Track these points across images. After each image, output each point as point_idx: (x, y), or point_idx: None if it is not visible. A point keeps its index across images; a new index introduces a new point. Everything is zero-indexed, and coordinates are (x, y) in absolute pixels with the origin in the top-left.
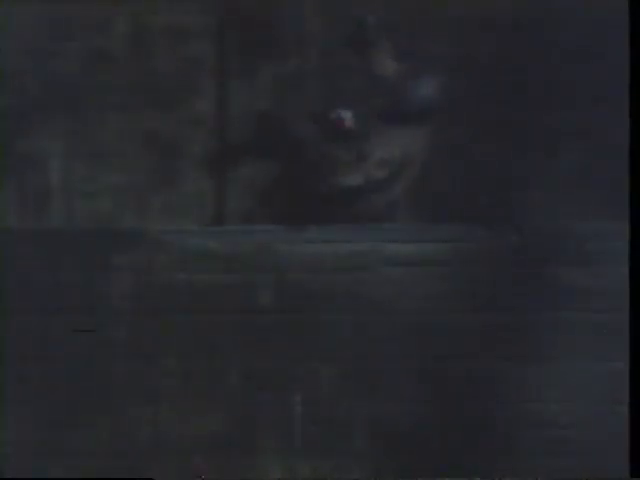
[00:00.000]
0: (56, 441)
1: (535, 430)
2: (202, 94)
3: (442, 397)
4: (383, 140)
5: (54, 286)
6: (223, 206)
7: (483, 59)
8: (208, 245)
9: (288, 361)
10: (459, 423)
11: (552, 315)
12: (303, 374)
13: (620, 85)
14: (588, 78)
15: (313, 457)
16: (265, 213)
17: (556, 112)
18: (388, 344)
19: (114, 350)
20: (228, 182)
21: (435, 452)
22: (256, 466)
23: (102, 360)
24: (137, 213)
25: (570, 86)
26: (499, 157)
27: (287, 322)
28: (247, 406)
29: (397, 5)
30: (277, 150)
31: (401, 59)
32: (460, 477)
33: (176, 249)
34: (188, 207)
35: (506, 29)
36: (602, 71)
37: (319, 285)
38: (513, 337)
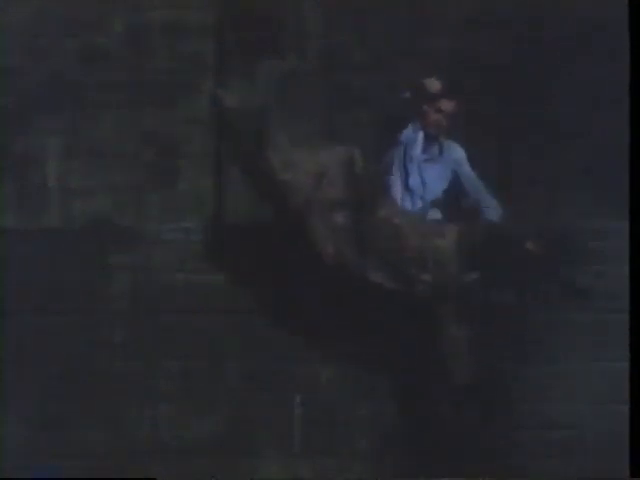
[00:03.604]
0: (56, 441)
1: (535, 430)
2: (201, 92)
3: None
4: None
5: (53, 285)
6: (222, 205)
7: (483, 58)
8: (207, 243)
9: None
10: (459, 423)
11: (552, 315)
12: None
13: (620, 85)
14: (588, 78)
15: None
16: None
17: (556, 112)
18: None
19: (113, 349)
20: (227, 181)
21: (436, 452)
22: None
23: (101, 360)
24: (136, 212)
25: (570, 86)
26: (499, 156)
27: None
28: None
29: None
30: None
31: None
32: (460, 477)
33: (175, 248)
34: (187, 206)
35: (505, 28)
36: (602, 71)
37: None
38: (513, 337)
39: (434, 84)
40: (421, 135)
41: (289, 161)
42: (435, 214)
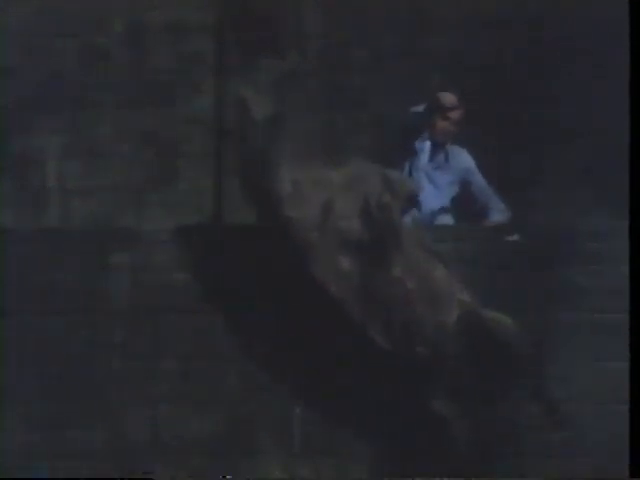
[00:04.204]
0: (56, 441)
1: (535, 430)
2: (201, 92)
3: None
4: None
5: (53, 285)
6: (222, 205)
7: (483, 58)
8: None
9: None
10: (459, 423)
11: (552, 315)
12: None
13: (620, 85)
14: (588, 78)
15: None
16: None
17: (556, 112)
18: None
19: (113, 349)
20: (227, 181)
21: (435, 452)
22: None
23: (101, 360)
24: (135, 212)
25: (570, 86)
26: (499, 156)
27: None
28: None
29: None
30: None
31: None
32: (460, 477)
33: (175, 247)
34: (186, 206)
35: (505, 28)
36: (602, 71)
37: None
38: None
39: (449, 98)
40: (428, 144)
41: (296, 188)
42: (446, 219)
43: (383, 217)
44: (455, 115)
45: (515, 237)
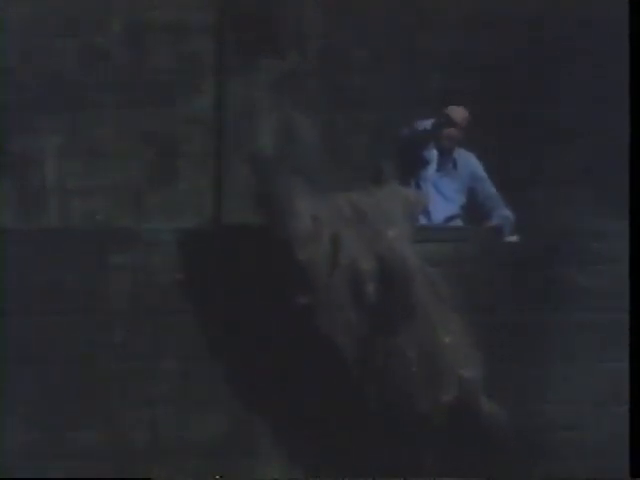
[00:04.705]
0: (56, 441)
1: (535, 431)
2: (201, 92)
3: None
4: None
5: (53, 285)
6: (222, 205)
7: (483, 58)
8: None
9: None
10: (459, 424)
11: (552, 315)
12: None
13: (620, 85)
14: (588, 78)
15: None
16: None
17: (556, 112)
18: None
19: (113, 349)
20: (227, 181)
21: (435, 451)
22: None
23: (101, 360)
24: (135, 212)
25: (570, 86)
26: (499, 156)
27: None
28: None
29: None
30: None
31: None
32: (460, 477)
33: (174, 248)
34: (186, 206)
35: (505, 28)
36: (602, 71)
37: None
38: (513, 337)
39: (460, 112)
40: (435, 153)
41: (315, 224)
42: (455, 223)
43: (398, 282)
44: (463, 123)
45: (515, 238)
